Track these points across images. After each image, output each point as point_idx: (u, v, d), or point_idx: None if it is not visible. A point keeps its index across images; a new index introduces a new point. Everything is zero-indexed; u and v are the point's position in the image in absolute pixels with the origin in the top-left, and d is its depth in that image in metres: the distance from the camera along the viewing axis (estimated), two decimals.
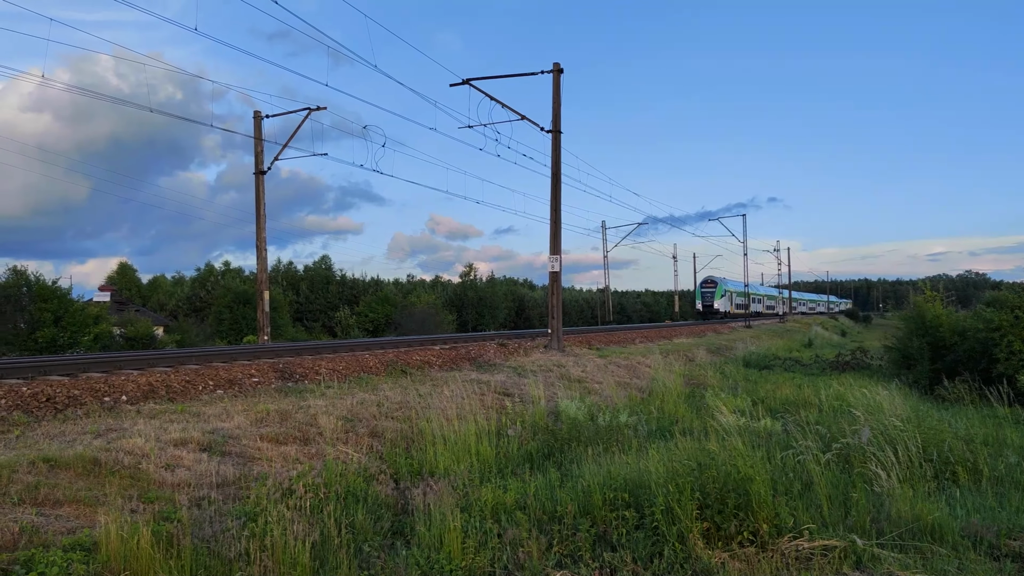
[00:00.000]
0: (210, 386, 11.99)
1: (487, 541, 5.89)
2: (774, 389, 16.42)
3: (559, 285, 23.05)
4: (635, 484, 6.74)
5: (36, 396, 9.87)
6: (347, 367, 14.97)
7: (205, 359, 14.78)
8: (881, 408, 9.60)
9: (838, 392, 13.23)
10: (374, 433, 10.13)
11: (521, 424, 10.60)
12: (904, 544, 5.92)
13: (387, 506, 7.24)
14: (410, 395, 12.18)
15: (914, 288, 68.32)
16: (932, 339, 17.93)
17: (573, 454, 9.07)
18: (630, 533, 6.04)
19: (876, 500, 6.87)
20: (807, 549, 5.70)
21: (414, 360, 16.85)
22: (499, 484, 7.34)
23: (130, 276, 75.18)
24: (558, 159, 23.05)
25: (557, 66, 22.88)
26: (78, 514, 6.29)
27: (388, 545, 6.21)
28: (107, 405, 10.18)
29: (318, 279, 63.38)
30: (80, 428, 8.64)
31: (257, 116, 27.68)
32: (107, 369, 12.62)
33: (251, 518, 5.96)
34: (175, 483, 7.30)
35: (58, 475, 6.91)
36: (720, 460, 6.52)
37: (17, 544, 5.40)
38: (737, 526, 5.91)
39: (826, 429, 9.13)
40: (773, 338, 44.76)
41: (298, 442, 9.28)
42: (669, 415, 12.70)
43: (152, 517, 6.08)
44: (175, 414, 9.72)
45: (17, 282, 28.24)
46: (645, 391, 16.57)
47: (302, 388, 12.46)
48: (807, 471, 7.22)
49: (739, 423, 10.01)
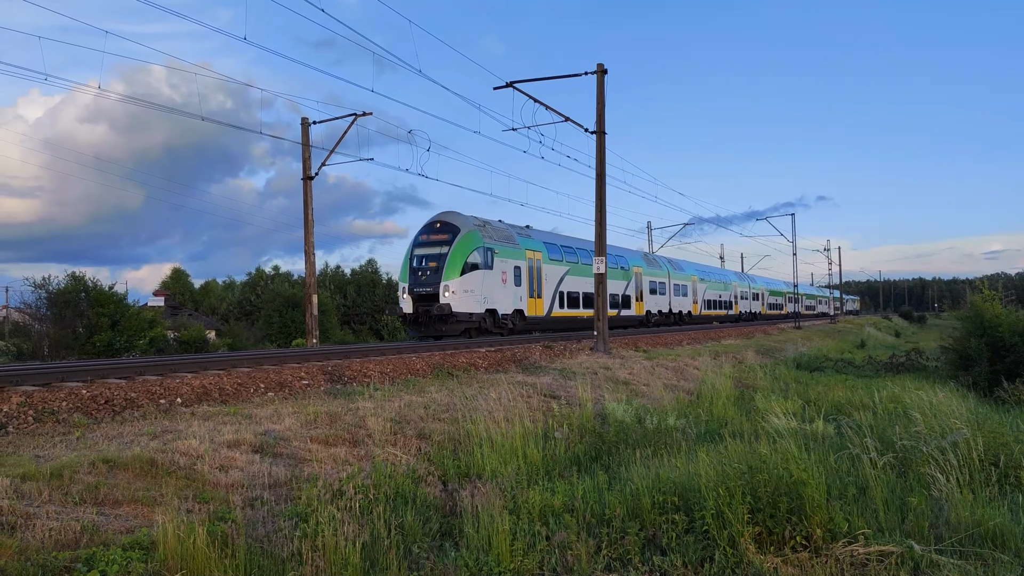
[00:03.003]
0: (261, 389, 12.19)
1: (535, 543, 5.89)
2: (826, 391, 16.09)
3: (605, 287, 22.92)
4: (684, 487, 6.67)
5: (95, 399, 10.15)
6: (394, 369, 15.09)
7: (256, 362, 15.04)
8: (940, 410, 9.34)
9: (893, 394, 12.91)
10: (421, 435, 10.20)
11: (568, 426, 10.57)
12: (964, 550, 5.76)
13: (435, 508, 7.28)
14: (456, 397, 12.23)
15: (971, 287, 66.21)
16: (991, 339, 17.41)
17: (621, 457, 9.01)
18: (680, 537, 5.98)
19: (934, 505, 6.69)
20: (862, 555, 5.57)
21: (460, 362, 16.91)
22: (547, 486, 7.32)
23: (183, 281, 77.04)
24: (602, 160, 22.95)
25: (601, 67, 22.78)
26: (136, 514, 6.45)
27: (437, 546, 6.23)
28: (163, 407, 10.42)
29: (365, 282, 64.12)
30: (137, 430, 8.85)
31: (304, 123, 28.11)
32: (162, 372, 12.93)
33: (303, 519, 6.04)
34: (229, 484, 7.43)
35: (117, 475, 7.09)
36: (771, 463, 6.41)
37: (79, 542, 5.56)
38: (790, 531, 5.81)
39: (881, 432, 8.92)
40: (824, 339, 43.93)
41: (347, 444, 9.38)
42: (718, 418, 12.54)
43: (207, 517, 6.20)
44: (228, 416, 9.90)
45: (76, 288, 29.09)
46: (693, 393, 16.39)
47: (350, 390, 12.60)
48: (862, 475, 7.06)
49: (790, 426, 9.84)
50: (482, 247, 25.88)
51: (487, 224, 27.56)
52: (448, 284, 24.60)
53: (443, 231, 26.06)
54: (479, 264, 25.61)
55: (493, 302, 26.09)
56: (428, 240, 26.18)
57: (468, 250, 25.34)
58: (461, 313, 24.58)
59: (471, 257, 25.35)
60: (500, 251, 27.02)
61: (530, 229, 31.55)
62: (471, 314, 24.90)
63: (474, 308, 25.07)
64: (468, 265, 25.09)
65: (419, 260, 25.79)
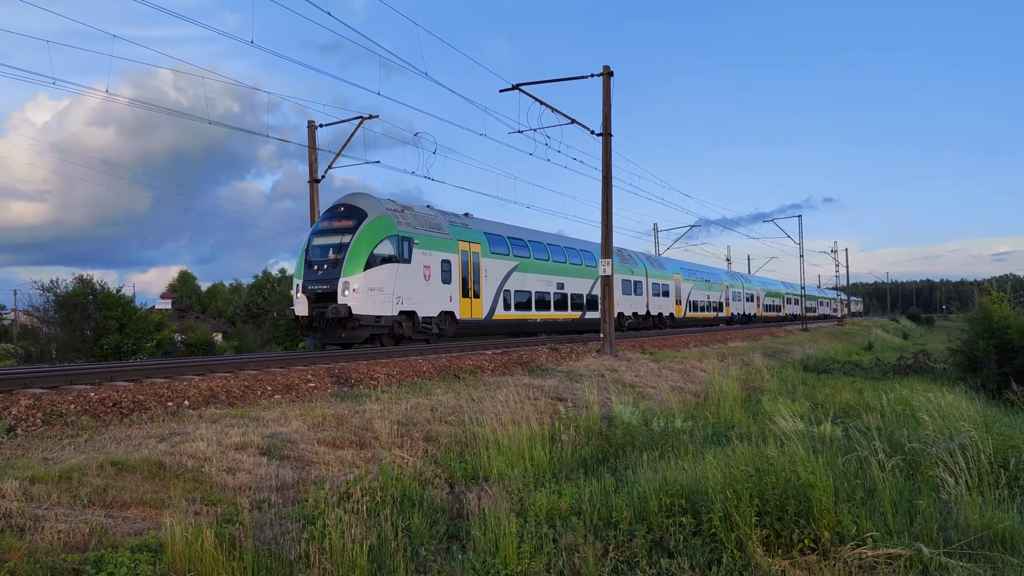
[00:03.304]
0: (268, 391, 12.22)
1: (542, 546, 5.88)
2: (833, 393, 16.05)
3: (611, 289, 22.91)
4: (692, 490, 6.66)
5: (103, 401, 10.19)
6: (401, 372, 15.11)
7: (263, 365, 15.07)
8: (948, 413, 9.30)
9: (901, 396, 12.87)
10: (428, 437, 10.21)
11: (574, 429, 10.56)
12: (973, 553, 5.73)
13: (442, 510, 7.29)
14: (463, 400, 12.24)
15: (979, 289, 65.84)
16: (999, 341, 17.33)
17: (628, 459, 9.00)
18: (687, 540, 5.97)
19: (943, 508, 6.67)
20: (871, 557, 5.55)
21: (466, 365, 16.92)
22: (553, 489, 7.32)
23: (190, 284, 77.25)
24: (608, 162, 22.95)
25: (607, 69, 22.79)
26: (144, 516, 6.47)
27: (444, 549, 6.24)
28: (170, 410, 10.45)
29: None
30: (145, 432, 8.88)
31: (311, 126, 28.18)
32: (170, 375, 12.96)
33: (310, 521, 6.05)
34: (236, 486, 7.45)
35: (125, 478, 7.11)
36: (779, 466, 6.40)
37: (87, 544, 5.58)
38: (798, 534, 5.79)
39: (889, 434, 8.89)
40: (831, 341, 43.79)
41: (354, 446, 9.39)
42: (725, 420, 12.52)
43: (215, 519, 6.22)
44: (235, 419, 9.92)
45: (83, 291, 29.17)
46: (700, 396, 16.36)
47: (357, 393, 12.62)
48: (870, 477, 7.04)
49: (798, 428, 9.81)
50: (396, 236, 21.70)
51: (407, 209, 23.36)
52: (349, 280, 20.35)
53: (347, 216, 21.72)
54: (391, 256, 21.41)
55: (411, 303, 21.96)
56: (329, 227, 21.83)
57: (376, 239, 21.11)
58: (365, 316, 20.37)
59: (380, 248, 21.15)
60: (422, 241, 22.78)
61: (469, 217, 27.28)
62: (378, 317, 20.70)
63: (383, 310, 20.84)
64: (376, 257, 20.89)
65: (317, 251, 21.56)
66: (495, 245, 27.09)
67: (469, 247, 25.31)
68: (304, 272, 21.31)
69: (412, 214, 23.24)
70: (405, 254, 21.95)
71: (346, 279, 20.37)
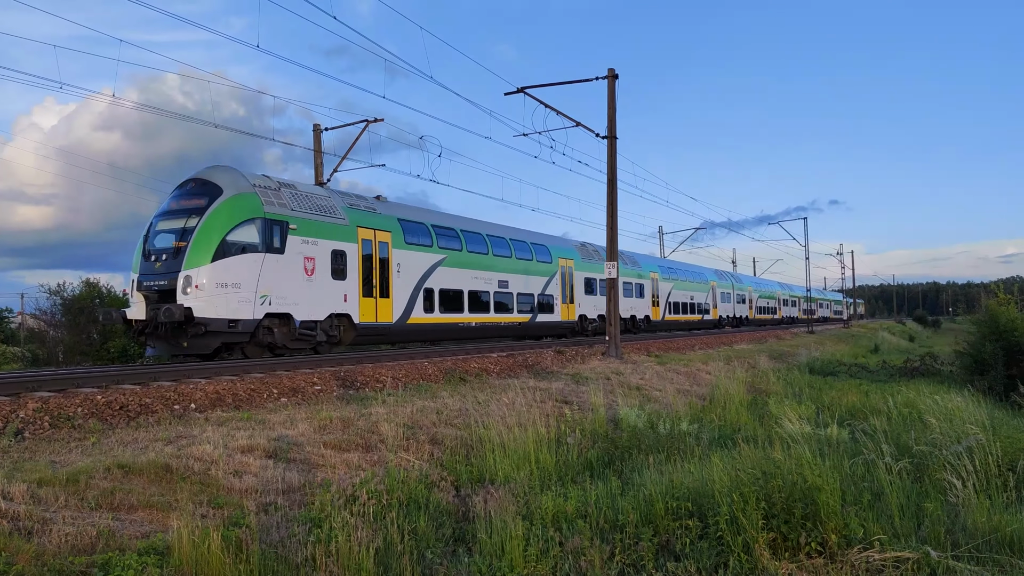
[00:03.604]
0: (274, 394, 12.24)
1: (548, 549, 5.88)
2: (840, 396, 16.00)
3: (616, 292, 22.90)
4: (698, 493, 6.65)
5: (110, 404, 10.22)
6: (406, 375, 15.12)
7: (269, 368, 15.10)
8: (955, 415, 9.27)
9: (908, 399, 12.83)
10: (434, 440, 10.21)
11: (580, 432, 10.55)
12: (981, 556, 5.71)
13: (448, 513, 7.29)
14: (469, 402, 12.24)
15: (986, 291, 65.46)
16: (1007, 344, 17.27)
17: (634, 462, 8.99)
18: (694, 543, 5.96)
19: (951, 511, 6.64)
20: (878, 561, 5.53)
21: (472, 368, 16.94)
22: (559, 492, 7.31)
23: None
24: (614, 165, 22.95)
25: (612, 72, 22.79)
26: (151, 519, 6.49)
27: (450, 552, 6.24)
28: (177, 413, 10.48)
29: None
30: (152, 435, 8.91)
31: (317, 129, 28.24)
32: (176, 378, 13.00)
33: (316, 524, 6.06)
34: (243, 489, 7.47)
35: (132, 481, 7.13)
36: (786, 469, 6.38)
37: (94, 547, 5.60)
38: (805, 537, 5.78)
39: (896, 437, 8.86)
40: (837, 343, 43.68)
41: (360, 449, 9.40)
42: (731, 423, 12.49)
43: (222, 522, 6.23)
44: (241, 421, 9.95)
45: (90, 294, 29.27)
46: (706, 398, 16.33)
47: (363, 396, 12.63)
48: (877, 480, 7.02)
49: (804, 431, 9.79)
50: (261, 218, 17.19)
51: (285, 187, 18.86)
52: (191, 275, 16.06)
53: (198, 194, 17.29)
54: (253, 244, 16.94)
55: (285, 302, 17.55)
56: (177, 208, 17.34)
57: (232, 222, 16.68)
58: (213, 320, 16.06)
59: (237, 233, 16.75)
60: (303, 227, 18.34)
61: (381, 201, 23.34)
62: (233, 321, 16.39)
63: (239, 312, 16.48)
64: (230, 245, 16.54)
65: (157, 239, 17.16)
66: (413, 234, 22.91)
67: (374, 235, 21.08)
68: (140, 265, 17.04)
69: (291, 193, 18.82)
70: (276, 242, 17.51)
71: (188, 272, 16.04)
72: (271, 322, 17.47)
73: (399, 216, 22.84)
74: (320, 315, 18.84)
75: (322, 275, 18.87)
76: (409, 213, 23.76)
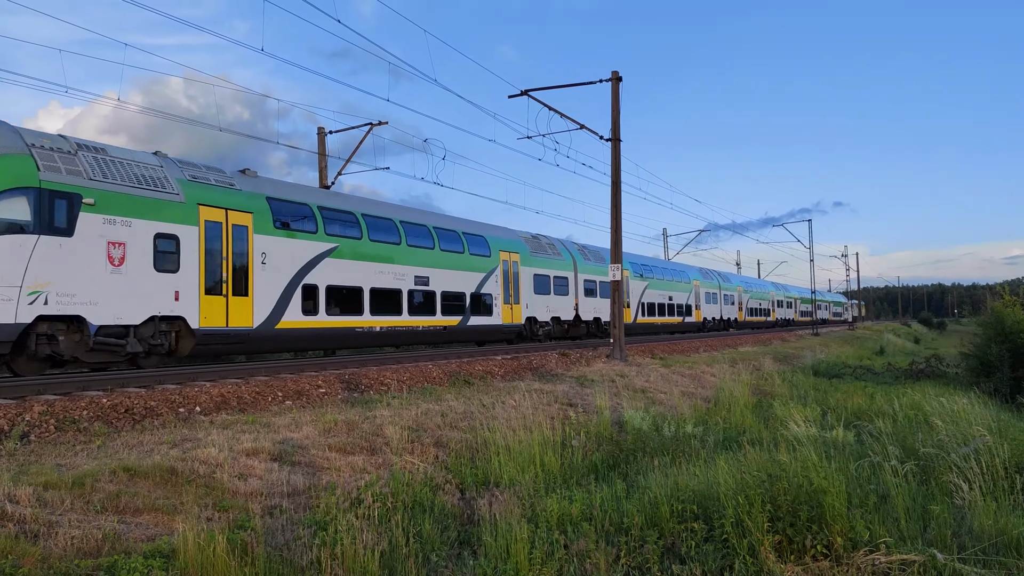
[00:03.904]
0: (279, 397, 12.26)
1: (554, 552, 5.87)
2: (845, 398, 15.97)
3: (621, 294, 22.89)
4: (703, 496, 6.64)
5: (116, 407, 10.24)
6: (411, 378, 15.13)
7: (274, 371, 15.13)
8: (961, 417, 9.24)
9: (913, 401, 12.79)
10: (439, 443, 10.21)
11: (585, 435, 10.54)
12: (988, 559, 5.69)
13: (453, 516, 7.28)
14: (473, 405, 12.24)
15: (991, 293, 65.22)
16: (1012, 345, 17.21)
17: (639, 465, 8.98)
18: (699, 546, 5.95)
19: (957, 513, 6.62)
20: (884, 563, 5.51)
21: (476, 370, 16.95)
22: (564, 495, 7.31)
23: None
24: (618, 167, 22.95)
25: (616, 74, 22.80)
26: (157, 522, 6.50)
27: (455, 555, 6.24)
28: (182, 416, 10.49)
29: None
30: (157, 438, 8.92)
31: (321, 132, 28.30)
32: (181, 381, 13.02)
33: (321, 527, 6.06)
34: (248, 492, 7.47)
35: (137, 484, 7.15)
36: (791, 471, 6.37)
37: (100, 550, 5.61)
38: (810, 539, 5.76)
39: (902, 439, 8.84)
40: (842, 345, 43.58)
41: (365, 452, 9.41)
42: (736, 425, 12.47)
43: (227, 525, 6.24)
44: (246, 425, 9.96)
45: None
46: (711, 401, 16.31)
47: (368, 399, 12.64)
48: (883, 483, 7.00)
49: (810, 433, 9.77)
50: (36, 189, 13.06)
51: (85, 150, 14.47)
52: None
53: None
54: (17, 223, 12.81)
55: (73, 301, 13.50)
56: None
57: None
58: None
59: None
60: (106, 201, 14.16)
61: (247, 176, 18.44)
62: None
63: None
64: None
65: None
66: (288, 217, 18.39)
67: (226, 217, 16.64)
68: None
69: (93, 158, 14.38)
70: (58, 220, 13.39)
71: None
72: (52, 327, 13.37)
73: (268, 194, 18.22)
74: (135, 318, 14.61)
75: (138, 266, 14.67)
76: (284, 191, 19.04)
